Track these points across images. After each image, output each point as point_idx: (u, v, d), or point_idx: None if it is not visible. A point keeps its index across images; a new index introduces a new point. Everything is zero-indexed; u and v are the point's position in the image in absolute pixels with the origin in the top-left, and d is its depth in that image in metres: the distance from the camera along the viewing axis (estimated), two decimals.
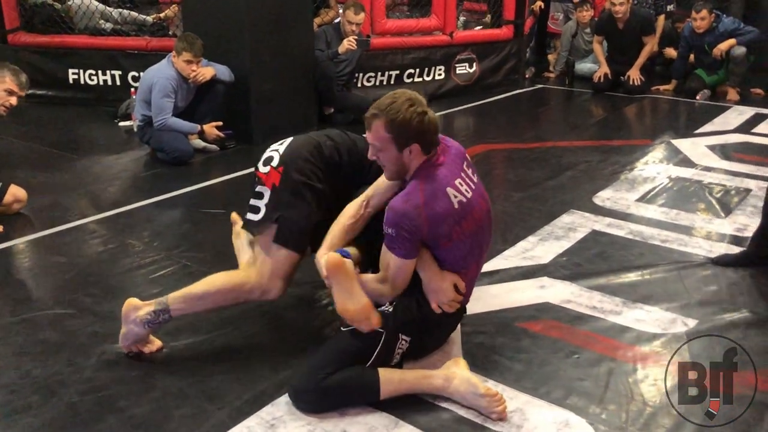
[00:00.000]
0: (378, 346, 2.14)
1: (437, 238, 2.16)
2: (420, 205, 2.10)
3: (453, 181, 2.18)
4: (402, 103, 2.12)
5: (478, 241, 2.28)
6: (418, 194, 2.12)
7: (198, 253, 3.27)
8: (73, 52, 6.15)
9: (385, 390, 2.11)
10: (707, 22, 6.53)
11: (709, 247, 3.31)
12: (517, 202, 3.94)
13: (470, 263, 2.29)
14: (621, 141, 5.28)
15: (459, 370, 2.17)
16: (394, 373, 2.17)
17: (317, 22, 6.34)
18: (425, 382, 2.17)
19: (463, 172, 2.24)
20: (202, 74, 4.64)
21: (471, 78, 6.96)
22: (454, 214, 2.15)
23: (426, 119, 2.13)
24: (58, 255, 3.25)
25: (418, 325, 2.23)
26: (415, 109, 2.12)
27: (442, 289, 2.22)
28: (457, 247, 2.21)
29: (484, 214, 2.28)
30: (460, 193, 2.17)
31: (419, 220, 2.09)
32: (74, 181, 4.30)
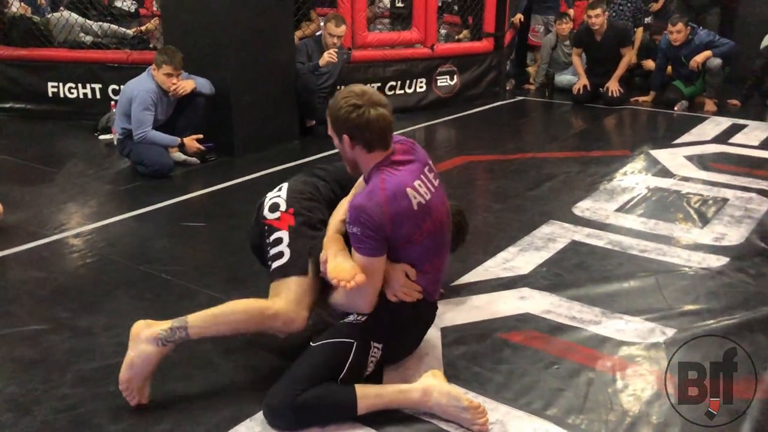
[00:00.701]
0: (350, 356, 2.12)
1: (397, 237, 2.16)
2: (382, 203, 2.11)
3: (412, 182, 2.19)
4: (343, 97, 2.18)
5: (436, 243, 2.29)
6: (380, 193, 2.13)
7: (179, 266, 3.24)
8: (53, 65, 6.10)
9: (362, 405, 2.09)
10: (683, 34, 6.63)
11: (687, 257, 3.34)
12: (497, 213, 3.96)
13: (425, 263, 2.27)
14: (600, 152, 5.33)
15: (437, 383, 2.16)
16: (370, 389, 2.14)
17: (298, 35, 6.34)
18: (402, 396, 2.14)
19: (423, 175, 2.25)
20: (183, 87, 4.63)
21: (452, 90, 7.00)
22: (414, 215, 2.16)
23: (357, 113, 2.15)
24: (36, 270, 3.21)
25: (388, 330, 2.23)
26: (349, 101, 2.16)
27: (392, 278, 2.22)
28: (414, 248, 2.22)
29: (443, 216, 2.30)
30: (419, 195, 2.18)
31: (383, 218, 2.10)
32: (53, 195, 4.26)
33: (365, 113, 2.15)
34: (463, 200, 4.23)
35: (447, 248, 2.41)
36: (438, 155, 5.31)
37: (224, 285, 3.01)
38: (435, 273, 2.33)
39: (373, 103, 2.17)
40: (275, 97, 5.26)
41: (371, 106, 2.16)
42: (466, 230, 2.94)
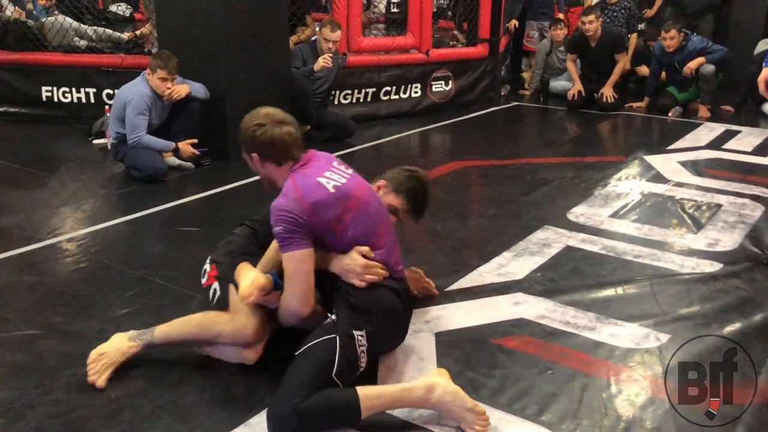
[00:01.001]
0: (337, 351, 2.13)
1: (327, 223, 2.26)
2: (299, 197, 2.22)
3: (322, 173, 2.32)
4: (250, 119, 2.37)
5: (372, 216, 2.37)
6: (294, 189, 2.25)
7: (172, 271, 3.23)
8: (47, 69, 6.09)
9: (365, 407, 2.06)
10: (676, 41, 6.66)
11: (681, 262, 3.35)
12: (492, 218, 3.96)
13: (372, 241, 2.34)
14: (595, 157, 5.34)
15: (443, 381, 2.15)
16: (372, 389, 2.13)
17: (293, 40, 6.35)
18: (406, 394, 2.12)
19: (333, 168, 2.39)
20: (177, 92, 4.62)
21: (447, 95, 7.01)
22: (334, 197, 2.27)
23: (262, 131, 2.32)
24: (29, 274, 3.20)
25: (360, 312, 2.25)
26: (253, 122, 2.34)
27: (350, 264, 2.29)
28: (352, 227, 2.30)
29: (365, 192, 2.41)
30: (332, 180, 2.31)
31: (302, 210, 2.20)
32: (46, 199, 4.25)
33: (268, 131, 2.31)
34: (457, 206, 4.25)
35: (388, 223, 2.49)
36: (433, 160, 5.32)
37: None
38: (386, 247, 2.38)
39: (276, 122, 2.34)
40: (270, 102, 5.12)
41: (275, 124, 2.33)
42: (423, 196, 2.78)
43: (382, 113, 6.58)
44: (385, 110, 6.61)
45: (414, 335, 2.63)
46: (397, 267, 2.43)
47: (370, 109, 6.52)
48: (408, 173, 2.75)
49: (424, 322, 2.73)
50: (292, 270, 2.23)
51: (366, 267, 2.29)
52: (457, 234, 3.75)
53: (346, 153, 5.29)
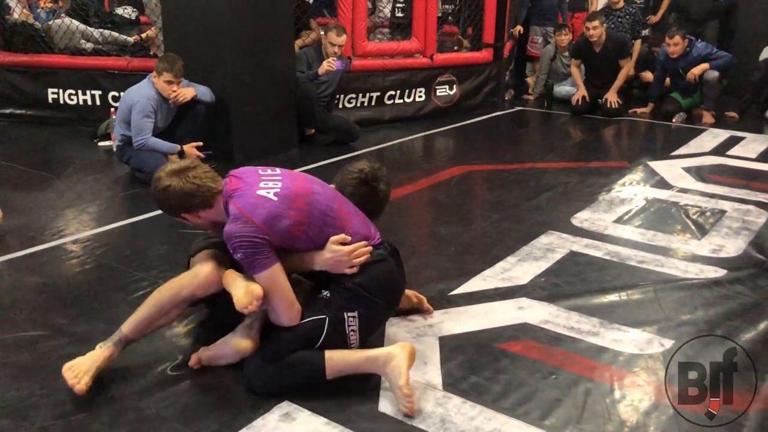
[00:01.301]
0: (323, 332, 2.24)
1: (288, 231, 2.24)
2: (247, 219, 2.19)
3: (257, 186, 2.28)
4: (155, 188, 2.32)
5: (324, 204, 2.34)
6: (239, 212, 2.22)
7: (177, 274, 3.22)
8: (53, 71, 6.12)
9: (330, 368, 2.22)
10: (680, 47, 6.66)
11: (684, 268, 3.35)
12: (495, 223, 3.96)
13: (337, 222, 2.34)
14: (599, 163, 5.34)
15: (401, 354, 2.23)
16: (337, 353, 2.26)
17: (299, 44, 6.37)
18: (368, 362, 2.26)
19: (262, 176, 2.34)
20: (183, 95, 4.64)
21: (451, 100, 7.02)
22: (280, 205, 2.23)
23: (171, 192, 2.28)
24: (34, 276, 3.21)
25: (357, 295, 2.31)
26: (158, 188, 2.30)
27: (334, 257, 2.31)
28: (313, 224, 2.29)
29: (305, 185, 2.37)
30: (270, 189, 2.27)
31: (256, 230, 2.18)
32: (52, 201, 4.27)
33: (177, 187, 2.27)
34: (461, 210, 4.26)
35: (343, 201, 2.47)
36: (436, 165, 5.33)
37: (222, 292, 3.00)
38: (354, 225, 2.39)
39: (178, 174, 2.28)
40: (275, 105, 5.27)
41: (179, 177, 2.27)
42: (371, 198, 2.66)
43: (386, 117, 6.59)
44: (389, 114, 6.63)
45: (418, 339, 2.63)
46: (376, 235, 2.45)
47: (374, 113, 6.54)
48: (352, 175, 2.63)
49: (428, 326, 2.74)
50: (268, 289, 2.23)
51: (350, 253, 2.32)
52: (461, 238, 3.75)
53: (349, 157, 5.30)
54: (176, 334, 2.69)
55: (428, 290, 3.06)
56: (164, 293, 2.37)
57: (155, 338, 2.63)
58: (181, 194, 2.28)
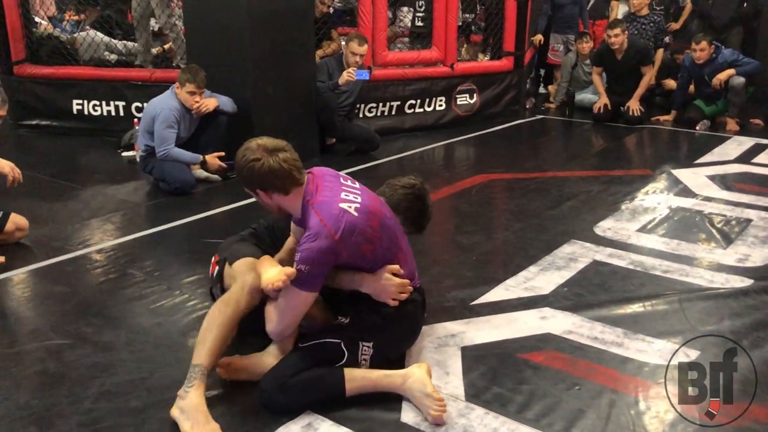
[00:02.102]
0: (344, 358, 2.26)
1: (358, 248, 2.28)
2: (330, 233, 2.21)
3: (340, 196, 2.31)
4: (242, 156, 2.32)
5: (391, 230, 2.41)
6: (323, 226, 2.22)
7: (200, 283, 3.26)
8: (78, 83, 6.22)
9: (350, 387, 2.22)
10: (707, 53, 6.60)
11: (710, 278, 3.31)
12: (517, 232, 3.94)
13: (396, 252, 2.41)
14: (621, 171, 5.30)
15: (418, 372, 2.27)
16: (357, 372, 2.27)
17: (319, 54, 6.41)
18: (386, 380, 2.28)
19: (343, 185, 2.38)
20: (205, 105, 4.69)
21: (472, 108, 7.02)
22: (359, 221, 2.27)
23: (257, 166, 2.27)
24: (59, 285, 3.25)
25: (377, 328, 2.36)
26: (248, 158, 2.29)
27: (385, 285, 2.35)
28: (380, 246, 2.34)
29: (380, 205, 2.44)
30: (351, 203, 2.30)
31: (334, 245, 2.21)
32: (76, 211, 4.32)
33: (265, 163, 2.27)
34: (482, 219, 4.25)
35: (402, 232, 2.53)
36: (457, 173, 5.32)
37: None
38: (407, 260, 2.46)
39: (270, 152, 2.29)
40: (296, 115, 5.30)
41: (270, 155, 2.28)
42: (423, 214, 2.76)
43: (406, 126, 6.61)
44: (410, 123, 6.64)
45: (440, 349, 2.62)
46: (416, 276, 2.52)
47: (395, 122, 6.55)
48: (406, 190, 2.70)
49: (450, 336, 2.73)
50: (291, 306, 2.27)
51: (400, 286, 2.36)
52: (483, 247, 3.74)
53: (370, 166, 5.30)
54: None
55: (450, 299, 3.06)
56: (226, 312, 2.31)
57: (179, 351, 2.65)
58: (265, 172, 2.28)
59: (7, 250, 3.53)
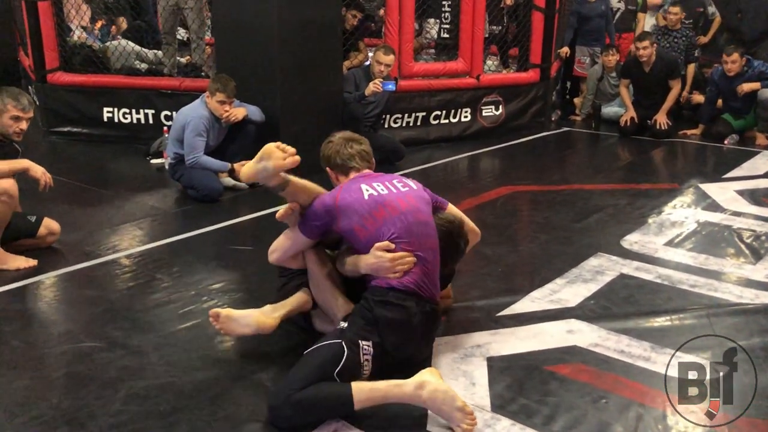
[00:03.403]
0: (343, 357, 2.25)
1: (352, 226, 2.47)
2: (335, 196, 2.50)
3: (370, 182, 2.56)
4: (326, 141, 2.76)
5: (397, 225, 2.46)
6: (338, 189, 2.55)
7: (227, 288, 3.30)
8: (109, 91, 6.32)
9: (357, 399, 2.19)
10: (738, 65, 6.54)
11: (739, 293, 3.27)
12: (543, 245, 3.93)
13: (399, 246, 2.44)
14: (648, 185, 5.26)
15: (434, 379, 2.23)
16: (365, 384, 2.25)
17: (346, 65, 6.46)
18: (397, 390, 2.22)
19: (387, 181, 2.60)
20: (235, 114, 4.74)
21: (497, 120, 7.02)
22: (365, 205, 2.47)
23: (328, 145, 2.73)
24: (90, 289, 3.31)
25: (371, 326, 2.35)
26: (327, 140, 2.76)
27: (377, 262, 2.43)
28: (374, 234, 2.45)
29: (403, 204, 2.52)
30: (372, 189, 2.52)
31: (333, 207, 2.48)
32: (106, 217, 4.40)
33: (333, 147, 2.71)
34: (507, 231, 4.24)
35: (433, 241, 2.55)
36: (482, 185, 5.32)
37: None
38: (418, 264, 2.45)
39: (345, 140, 2.72)
40: (323, 125, 5.32)
41: (342, 141, 2.72)
42: (458, 244, 2.82)
43: (431, 137, 6.62)
44: (435, 134, 6.65)
45: (465, 359, 2.63)
46: (423, 288, 2.46)
47: (420, 133, 6.57)
48: (441, 222, 2.71)
49: (476, 347, 2.73)
50: (288, 237, 2.62)
51: (393, 260, 2.41)
52: (508, 259, 3.73)
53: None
54: (228, 352, 2.74)
55: (475, 310, 3.06)
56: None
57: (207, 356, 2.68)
58: (334, 152, 2.69)
59: (39, 254, 3.60)
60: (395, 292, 2.41)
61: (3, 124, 3.45)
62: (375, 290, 2.43)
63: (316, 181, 2.63)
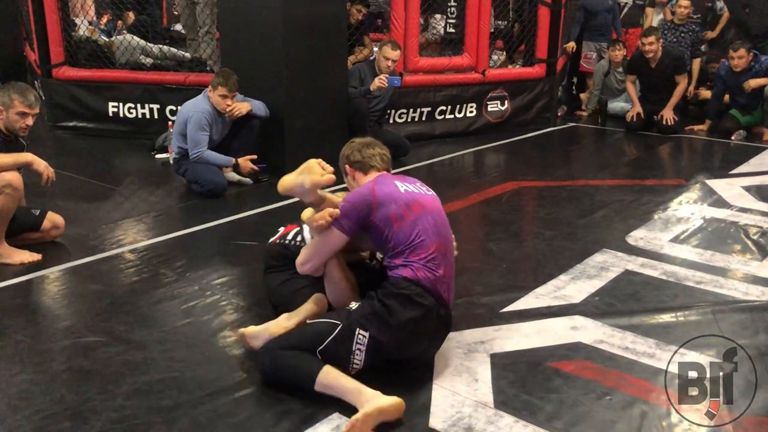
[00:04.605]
0: (332, 334, 2.32)
1: (389, 216, 2.45)
2: (372, 188, 2.51)
3: (402, 181, 2.60)
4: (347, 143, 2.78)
5: (429, 222, 2.48)
6: (370, 183, 2.56)
7: (230, 284, 3.30)
8: (114, 86, 6.32)
9: (320, 382, 2.26)
10: (745, 60, 6.50)
11: (745, 290, 3.25)
12: (548, 240, 3.92)
13: (426, 241, 2.44)
14: (654, 180, 5.23)
15: (381, 403, 2.18)
16: (334, 372, 2.29)
17: (351, 60, 6.44)
18: (356, 393, 2.24)
19: (412, 183, 2.62)
20: (238, 109, 4.73)
21: (503, 115, 6.99)
22: (402, 197, 2.49)
23: (350, 145, 2.75)
24: (93, 283, 3.31)
25: (376, 318, 2.35)
26: (350, 141, 2.77)
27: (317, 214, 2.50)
28: (409, 227, 2.44)
29: (434, 209, 2.54)
30: (406, 185, 2.56)
31: (371, 197, 2.47)
32: (111, 211, 4.40)
33: (355, 146, 2.72)
34: (512, 226, 4.23)
35: (449, 244, 2.56)
36: (488, 180, 5.30)
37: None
38: (441, 266, 2.44)
39: (365, 143, 2.73)
40: (327, 120, 5.33)
41: (363, 142, 2.73)
42: None
43: (436, 132, 6.60)
44: (440, 129, 6.63)
45: (469, 355, 2.62)
46: (439, 290, 2.44)
47: (425, 128, 6.55)
48: None
49: (480, 343, 2.72)
50: (320, 240, 2.54)
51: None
52: (513, 255, 3.72)
53: (400, 171, 5.31)
54: (231, 347, 2.73)
55: (479, 306, 3.05)
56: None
57: (210, 351, 2.68)
58: (355, 149, 2.71)
59: (43, 248, 3.61)
60: (418, 286, 2.39)
61: (9, 119, 3.44)
62: (399, 280, 2.41)
63: None
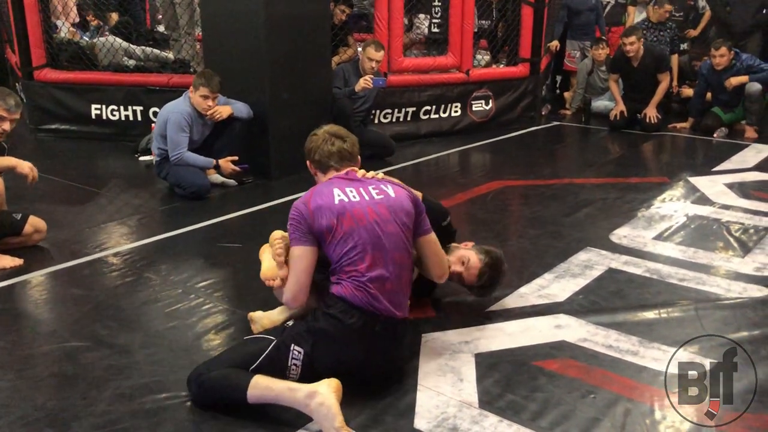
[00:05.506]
0: (265, 352, 2.29)
1: (321, 230, 2.39)
2: (307, 200, 2.44)
3: (343, 187, 2.48)
4: (311, 133, 2.66)
5: (362, 235, 2.36)
6: (309, 192, 2.48)
7: (214, 286, 3.28)
8: (97, 88, 6.28)
9: (251, 394, 2.20)
10: (726, 59, 6.56)
11: (727, 286, 3.27)
12: (532, 239, 3.93)
13: (361, 255, 2.34)
14: (638, 178, 5.27)
15: (326, 391, 2.12)
16: (263, 380, 2.23)
17: (335, 60, 6.43)
18: (289, 394, 2.19)
19: (363, 188, 2.48)
20: (220, 113, 4.69)
21: (487, 115, 7.01)
22: (334, 209, 2.39)
23: (309, 142, 2.64)
24: (76, 287, 3.28)
25: (310, 335, 2.33)
26: (312, 134, 2.65)
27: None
28: (340, 241, 2.37)
29: (371, 214, 2.40)
30: (344, 195, 2.44)
31: (306, 211, 2.40)
32: (94, 215, 4.36)
33: (314, 141, 2.61)
34: (497, 226, 4.24)
35: (399, 256, 2.41)
36: (472, 180, 5.31)
37: (260, 305, 3.02)
38: (377, 280, 2.33)
39: (331, 135, 2.60)
40: (312, 121, 5.25)
41: (324, 138, 2.60)
42: (493, 278, 2.91)
43: (422, 132, 6.61)
44: (425, 129, 6.64)
45: (453, 355, 2.62)
46: (382, 306, 2.34)
47: (410, 128, 6.56)
48: (490, 252, 2.91)
49: (464, 343, 2.72)
50: (291, 265, 2.45)
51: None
52: None
53: (385, 172, 5.31)
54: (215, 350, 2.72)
55: (464, 305, 3.05)
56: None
57: (194, 354, 2.66)
58: (314, 146, 2.60)
59: (25, 253, 3.57)
60: (344, 303, 2.31)
61: None
62: (329, 297, 2.36)
63: (305, 178, 2.61)
